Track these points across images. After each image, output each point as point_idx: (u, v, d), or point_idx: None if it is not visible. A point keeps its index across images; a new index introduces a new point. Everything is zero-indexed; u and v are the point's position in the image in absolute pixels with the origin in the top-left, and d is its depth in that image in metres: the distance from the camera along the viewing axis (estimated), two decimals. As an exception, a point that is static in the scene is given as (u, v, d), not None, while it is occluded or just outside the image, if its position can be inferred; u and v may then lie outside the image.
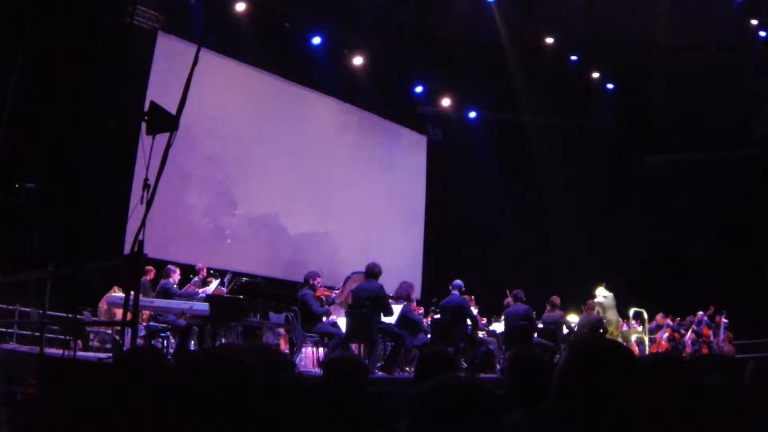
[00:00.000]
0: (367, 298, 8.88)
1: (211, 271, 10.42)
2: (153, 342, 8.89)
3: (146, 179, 5.13)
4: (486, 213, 16.41)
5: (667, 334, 13.62)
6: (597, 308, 12.54)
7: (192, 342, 8.91)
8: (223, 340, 8.55)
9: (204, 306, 8.49)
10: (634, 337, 13.00)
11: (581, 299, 12.65)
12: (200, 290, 9.58)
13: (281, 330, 10.17)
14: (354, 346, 9.09)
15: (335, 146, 15.54)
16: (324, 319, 9.28)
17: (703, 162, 16.68)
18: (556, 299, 11.85)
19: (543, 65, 15.95)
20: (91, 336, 9.80)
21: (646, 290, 13.76)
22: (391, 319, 9.38)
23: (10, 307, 9.28)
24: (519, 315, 10.36)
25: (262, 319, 9.85)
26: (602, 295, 12.71)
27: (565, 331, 12.04)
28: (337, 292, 10.56)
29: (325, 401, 3.16)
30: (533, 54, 15.77)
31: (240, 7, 13.19)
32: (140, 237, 4.97)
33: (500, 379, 8.50)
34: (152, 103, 5.33)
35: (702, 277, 15.11)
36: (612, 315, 12.61)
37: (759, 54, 14.96)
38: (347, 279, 11.21)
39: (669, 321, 13.89)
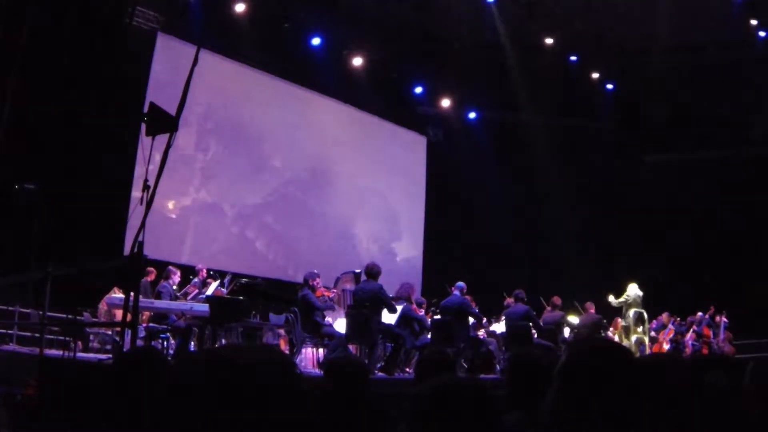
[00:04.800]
0: (367, 298, 8.87)
1: (211, 272, 10.43)
2: (153, 343, 8.89)
3: (146, 180, 5.14)
4: (486, 213, 16.40)
5: (671, 335, 13.63)
6: (624, 305, 12.80)
7: (192, 343, 8.92)
8: (223, 341, 8.55)
9: (204, 307, 8.50)
10: (634, 338, 13.01)
11: (581, 300, 12.67)
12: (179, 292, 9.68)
13: (281, 331, 10.18)
14: (353, 347, 9.10)
15: (335, 147, 15.53)
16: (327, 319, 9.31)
17: (703, 161, 16.68)
18: (557, 300, 11.86)
19: (543, 65, 15.94)
20: (91, 337, 9.79)
21: (646, 290, 13.75)
22: (391, 319, 9.39)
23: (10, 308, 9.28)
24: (519, 315, 10.36)
25: (262, 319, 9.85)
26: (629, 293, 12.95)
27: (567, 331, 12.04)
28: (335, 291, 10.58)
29: (326, 402, 3.15)
30: (533, 54, 15.76)
31: (239, 7, 13.18)
32: (140, 238, 4.97)
33: (500, 380, 8.50)
34: (152, 104, 5.34)
35: (702, 277, 15.10)
36: (631, 313, 12.86)
37: (759, 54, 14.95)
38: (338, 279, 11.23)
39: (673, 321, 13.91)
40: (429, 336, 9.78)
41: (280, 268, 13.98)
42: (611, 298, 13.17)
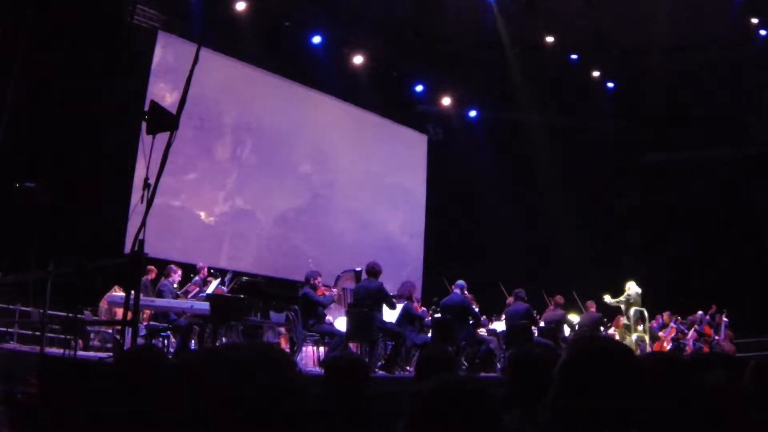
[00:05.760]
0: (367, 296, 8.88)
1: (212, 271, 10.43)
2: (154, 341, 8.90)
3: (146, 179, 5.13)
4: (486, 212, 16.41)
5: (672, 334, 13.63)
6: (624, 304, 12.81)
7: (193, 341, 8.92)
8: (224, 340, 8.56)
9: (204, 305, 8.50)
10: (634, 337, 13.02)
11: (582, 298, 12.67)
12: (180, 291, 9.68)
13: (282, 329, 10.18)
14: (354, 346, 9.10)
15: (335, 146, 15.54)
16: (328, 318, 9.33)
17: (703, 160, 16.67)
18: (560, 298, 11.87)
19: (543, 64, 15.93)
20: (92, 335, 9.80)
21: (647, 289, 13.75)
22: (392, 317, 9.39)
23: (11, 306, 9.29)
24: (519, 314, 10.38)
25: (263, 318, 9.85)
26: (629, 292, 12.97)
27: (567, 330, 12.04)
28: (335, 290, 10.58)
29: (326, 400, 3.16)
30: (533, 53, 15.75)
31: (240, 6, 13.18)
32: (141, 236, 4.97)
33: (501, 379, 8.49)
34: (152, 103, 5.34)
35: (703, 276, 15.10)
36: (632, 312, 12.87)
37: (759, 52, 14.94)
38: (338, 278, 11.22)
39: (674, 320, 13.90)
40: (429, 334, 9.78)
41: (280, 266, 13.93)
42: (607, 298, 13.18)
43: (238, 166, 13.84)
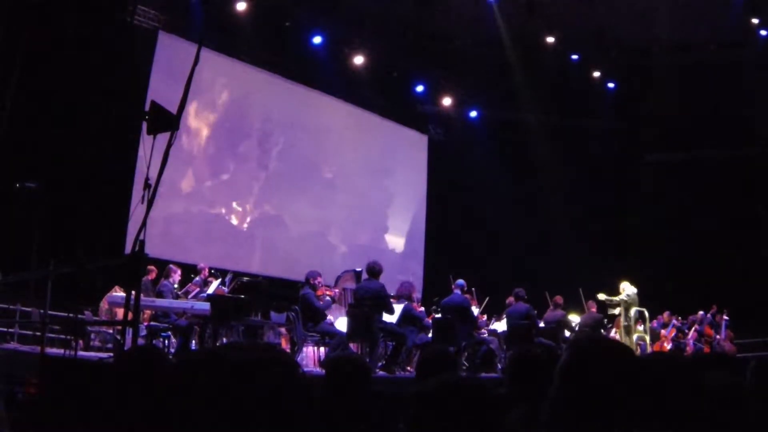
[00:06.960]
0: (368, 297, 8.87)
1: (212, 271, 10.43)
2: (154, 342, 8.90)
3: (147, 179, 5.13)
4: (487, 212, 16.40)
5: (672, 333, 13.63)
6: (622, 305, 12.77)
7: (193, 342, 8.92)
8: (225, 340, 8.56)
9: (205, 305, 8.50)
10: (635, 337, 13.01)
11: (582, 298, 12.67)
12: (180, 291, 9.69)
13: (282, 329, 10.18)
14: (354, 346, 9.09)
15: (336, 146, 15.54)
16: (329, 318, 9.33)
17: (703, 161, 16.67)
18: (559, 299, 11.85)
19: (544, 64, 15.93)
20: (93, 336, 9.80)
21: (647, 289, 13.74)
22: (392, 318, 9.38)
23: (12, 306, 9.29)
24: (520, 314, 10.37)
25: (263, 318, 9.85)
26: (627, 292, 12.92)
27: (567, 332, 12.03)
28: (336, 290, 10.57)
29: (327, 400, 3.15)
30: (534, 53, 15.75)
31: (241, 6, 13.18)
32: (141, 236, 4.96)
33: (501, 379, 8.49)
34: (153, 103, 5.33)
35: (703, 276, 15.09)
36: (633, 312, 12.84)
37: (759, 52, 14.93)
38: (338, 278, 11.21)
39: (675, 320, 13.90)
40: (430, 334, 9.78)
41: (281, 266, 13.91)
42: (602, 296, 13.12)
43: (238, 166, 13.84)
